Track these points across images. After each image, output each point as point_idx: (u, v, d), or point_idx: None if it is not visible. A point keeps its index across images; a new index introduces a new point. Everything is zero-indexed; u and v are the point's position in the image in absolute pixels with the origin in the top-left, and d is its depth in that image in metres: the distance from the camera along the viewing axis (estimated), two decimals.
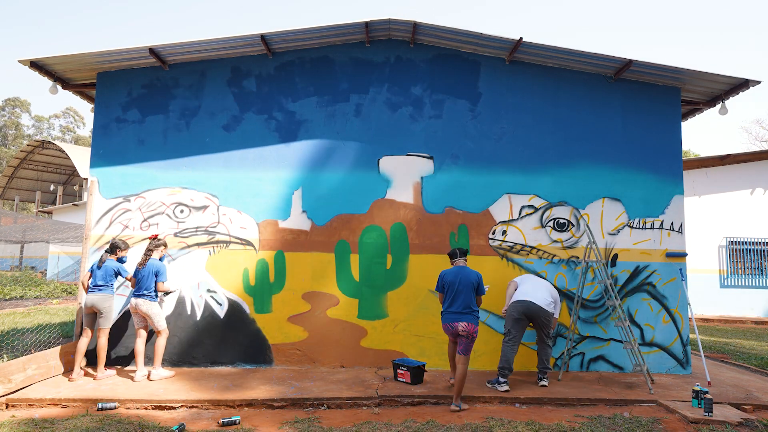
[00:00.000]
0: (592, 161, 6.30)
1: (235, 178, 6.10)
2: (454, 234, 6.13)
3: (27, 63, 5.74)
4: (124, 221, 6.00)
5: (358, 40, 6.36)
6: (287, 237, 6.07)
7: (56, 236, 13.75)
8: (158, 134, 6.14)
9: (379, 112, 6.29)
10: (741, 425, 4.24)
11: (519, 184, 6.24)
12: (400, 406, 4.68)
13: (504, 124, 6.33)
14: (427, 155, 6.23)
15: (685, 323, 6.15)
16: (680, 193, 6.32)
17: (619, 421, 4.31)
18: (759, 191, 13.52)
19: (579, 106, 6.39)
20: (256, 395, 4.72)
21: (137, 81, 6.20)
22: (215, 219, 6.05)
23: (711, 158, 13.45)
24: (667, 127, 6.40)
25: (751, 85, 6.04)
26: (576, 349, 6.07)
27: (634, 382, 5.52)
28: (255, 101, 6.23)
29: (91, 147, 6.12)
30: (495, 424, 4.17)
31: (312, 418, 4.28)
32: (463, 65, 6.40)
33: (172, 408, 4.52)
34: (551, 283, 5.81)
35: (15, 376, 4.74)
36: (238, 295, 5.99)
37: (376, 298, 6.05)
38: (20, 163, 27.80)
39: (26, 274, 19.13)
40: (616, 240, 6.22)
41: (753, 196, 13.54)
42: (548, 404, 4.82)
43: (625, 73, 6.24)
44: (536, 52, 6.17)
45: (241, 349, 5.91)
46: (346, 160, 6.18)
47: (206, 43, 5.86)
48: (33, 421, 4.06)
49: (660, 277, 6.19)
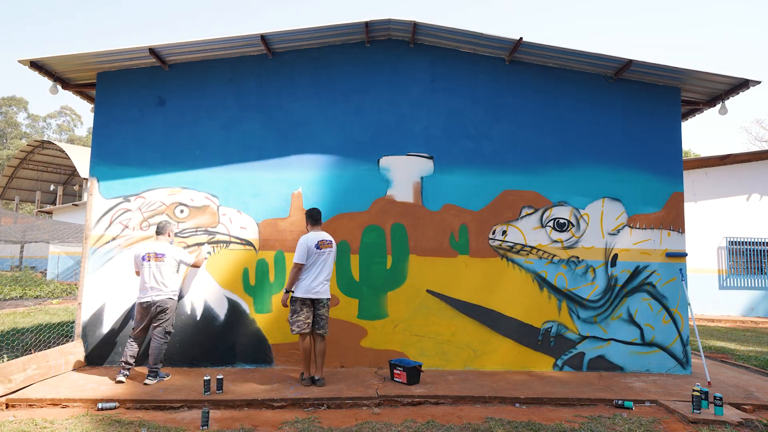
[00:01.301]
0: (592, 161, 6.30)
1: (235, 178, 6.10)
2: (454, 234, 6.14)
3: (27, 63, 5.74)
4: (124, 221, 6.00)
5: (358, 40, 6.36)
6: (287, 237, 6.07)
7: (56, 236, 13.76)
8: (158, 134, 6.14)
9: (379, 112, 6.29)
10: (741, 425, 4.24)
11: (519, 184, 6.24)
12: (400, 406, 4.68)
13: (504, 124, 6.33)
14: (427, 155, 6.23)
15: (685, 323, 6.15)
16: (680, 193, 6.32)
17: (619, 421, 4.31)
18: (755, 197, 13.52)
19: (579, 106, 6.39)
20: (256, 395, 4.72)
21: (137, 81, 6.20)
22: (215, 219, 6.05)
23: (711, 158, 13.47)
24: (667, 127, 6.40)
25: (751, 85, 6.04)
26: (576, 348, 6.07)
27: (634, 382, 5.52)
28: (255, 101, 6.23)
29: (91, 147, 6.12)
30: (495, 424, 4.17)
31: (312, 418, 4.28)
32: (463, 65, 6.40)
33: (172, 408, 4.52)
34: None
35: (15, 376, 4.74)
36: (238, 295, 5.99)
37: (376, 298, 6.05)
38: (20, 163, 27.81)
39: (26, 274, 19.13)
40: (616, 240, 6.23)
41: (749, 201, 13.55)
42: (548, 404, 4.82)
43: (625, 73, 6.24)
44: (536, 52, 6.17)
45: (241, 349, 5.91)
46: (346, 160, 6.18)
47: (206, 43, 5.86)
48: (33, 421, 4.06)
49: (660, 277, 6.20)
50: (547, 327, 6.08)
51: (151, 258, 5.27)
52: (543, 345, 6.07)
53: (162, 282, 5.25)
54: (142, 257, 5.29)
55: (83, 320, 5.83)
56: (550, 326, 6.08)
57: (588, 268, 6.17)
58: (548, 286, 6.13)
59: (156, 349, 5.15)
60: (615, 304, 6.14)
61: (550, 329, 6.08)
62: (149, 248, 5.34)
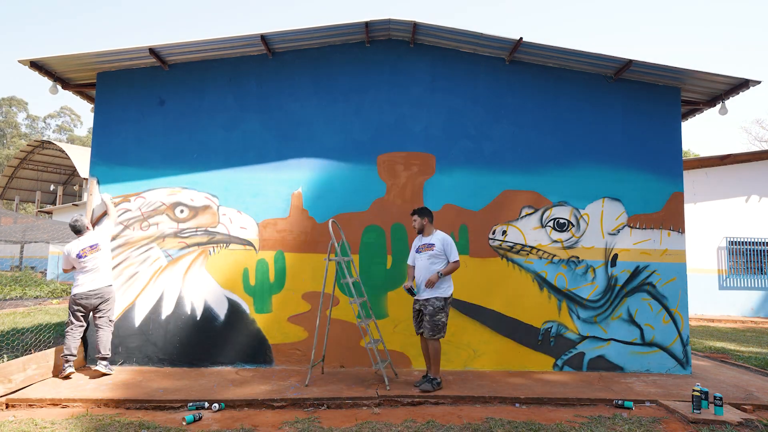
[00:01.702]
0: (592, 161, 6.30)
1: (235, 178, 6.10)
2: (454, 234, 6.13)
3: (27, 63, 5.74)
4: (124, 221, 6.00)
5: (358, 40, 6.36)
6: (287, 237, 6.07)
7: (56, 236, 13.74)
8: (158, 134, 6.14)
9: (379, 112, 6.29)
10: (741, 425, 4.24)
11: (519, 184, 6.24)
12: (400, 406, 4.68)
13: (504, 124, 6.33)
14: (427, 155, 6.23)
15: (685, 323, 6.15)
16: (680, 193, 6.32)
17: (619, 421, 4.31)
18: (754, 198, 13.52)
19: (579, 106, 6.39)
20: (256, 395, 4.72)
21: (137, 81, 6.20)
22: (215, 219, 6.05)
23: (711, 158, 13.46)
24: (667, 127, 6.40)
25: (751, 85, 6.04)
26: (576, 348, 6.07)
27: (634, 382, 5.52)
28: (255, 101, 6.23)
29: (91, 147, 6.12)
30: (495, 424, 4.17)
31: (312, 418, 4.28)
32: (463, 65, 6.40)
33: (173, 408, 4.52)
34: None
35: (15, 376, 4.74)
36: (238, 295, 5.99)
37: (376, 298, 6.05)
38: (20, 163, 27.82)
39: (26, 274, 19.12)
40: (616, 240, 6.23)
41: (749, 203, 13.55)
42: (548, 404, 4.82)
43: (625, 73, 6.24)
44: (536, 52, 6.17)
45: (241, 349, 5.91)
46: (346, 160, 6.18)
47: (206, 43, 5.86)
48: (33, 421, 4.06)
49: (660, 277, 6.20)
50: (547, 327, 6.08)
51: (86, 252, 5.36)
52: (543, 345, 6.07)
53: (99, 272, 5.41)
54: (77, 255, 5.36)
55: None
56: (550, 326, 6.08)
57: (588, 268, 6.17)
58: (548, 286, 6.13)
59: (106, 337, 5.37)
60: (615, 304, 6.14)
61: (550, 329, 6.08)
62: (80, 245, 5.40)
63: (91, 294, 5.31)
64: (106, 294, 5.40)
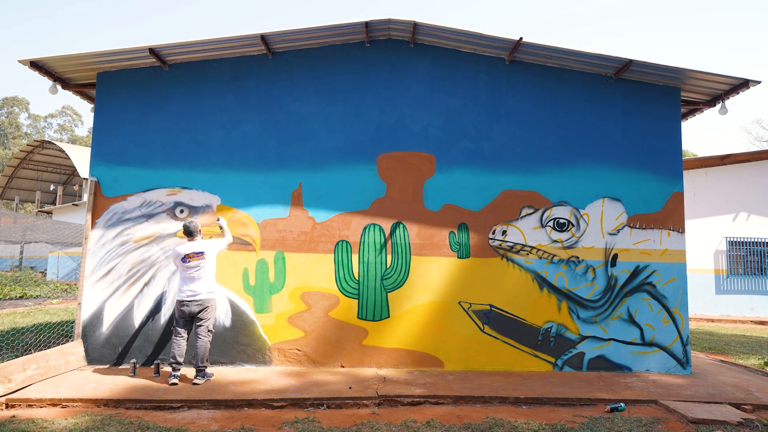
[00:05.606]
0: (592, 161, 6.30)
1: (235, 178, 6.10)
2: (454, 233, 6.14)
3: (27, 63, 5.74)
4: (125, 221, 5.98)
5: (358, 40, 6.36)
6: (287, 237, 6.07)
7: (56, 237, 13.77)
8: (158, 134, 6.14)
9: (379, 112, 6.29)
10: (741, 425, 4.24)
11: (519, 184, 6.24)
12: (400, 406, 4.68)
13: (504, 124, 6.33)
14: (427, 155, 6.23)
15: (685, 323, 6.15)
16: (680, 193, 6.32)
17: (619, 422, 4.31)
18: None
19: (579, 106, 6.39)
20: (256, 395, 4.72)
21: (137, 81, 6.20)
22: (215, 219, 6.05)
23: (711, 158, 13.46)
24: (667, 127, 6.40)
25: (751, 85, 6.04)
26: (576, 348, 6.07)
27: (634, 382, 5.52)
28: (255, 101, 6.23)
29: (91, 147, 6.12)
30: (495, 424, 4.17)
31: (312, 418, 4.28)
32: (463, 65, 6.40)
33: (173, 408, 4.52)
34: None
35: (15, 376, 4.74)
36: (238, 295, 5.99)
37: (376, 298, 6.05)
38: (20, 163, 27.81)
39: (26, 274, 19.12)
40: (616, 240, 6.23)
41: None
42: (548, 404, 4.82)
43: (625, 73, 6.24)
44: (536, 52, 6.17)
45: (241, 349, 5.91)
46: (346, 160, 6.18)
47: (206, 43, 5.86)
48: (33, 421, 4.06)
49: (660, 277, 6.19)
50: (547, 327, 6.08)
51: (191, 258, 5.29)
52: (543, 345, 6.07)
53: (202, 280, 5.30)
54: (182, 258, 5.29)
55: (83, 320, 5.83)
56: (550, 326, 6.08)
57: (588, 268, 6.17)
58: (548, 286, 6.13)
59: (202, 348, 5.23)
60: (615, 304, 6.14)
61: (550, 329, 6.08)
62: (188, 249, 5.33)
63: (191, 301, 5.24)
64: (206, 302, 5.30)
